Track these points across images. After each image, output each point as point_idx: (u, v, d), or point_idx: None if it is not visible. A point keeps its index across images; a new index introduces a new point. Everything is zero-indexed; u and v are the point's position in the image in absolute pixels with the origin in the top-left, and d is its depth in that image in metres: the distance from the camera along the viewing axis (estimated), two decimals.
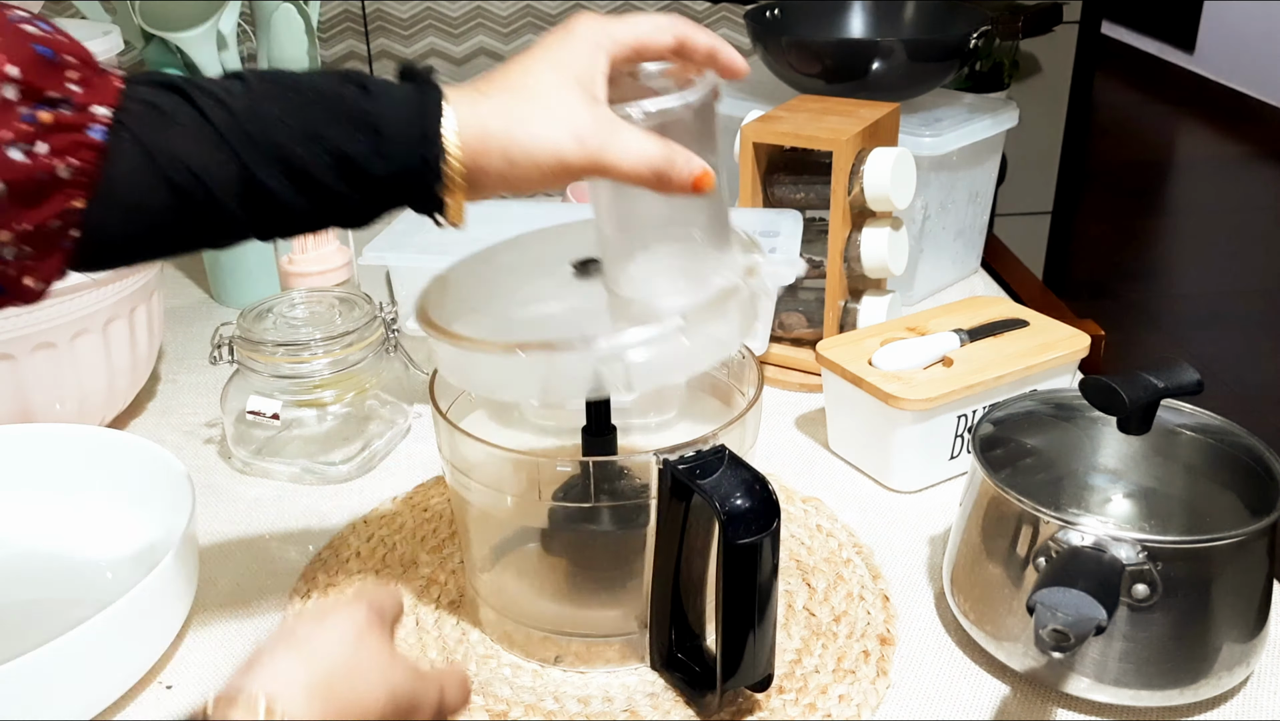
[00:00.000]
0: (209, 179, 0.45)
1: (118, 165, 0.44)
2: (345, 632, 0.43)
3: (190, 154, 0.45)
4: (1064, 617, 0.51)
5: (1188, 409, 0.66)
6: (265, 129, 0.46)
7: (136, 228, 0.46)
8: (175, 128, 0.45)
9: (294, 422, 0.85)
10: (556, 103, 0.48)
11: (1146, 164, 3.60)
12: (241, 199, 0.46)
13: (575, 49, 0.50)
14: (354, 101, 0.47)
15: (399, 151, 0.47)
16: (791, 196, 0.97)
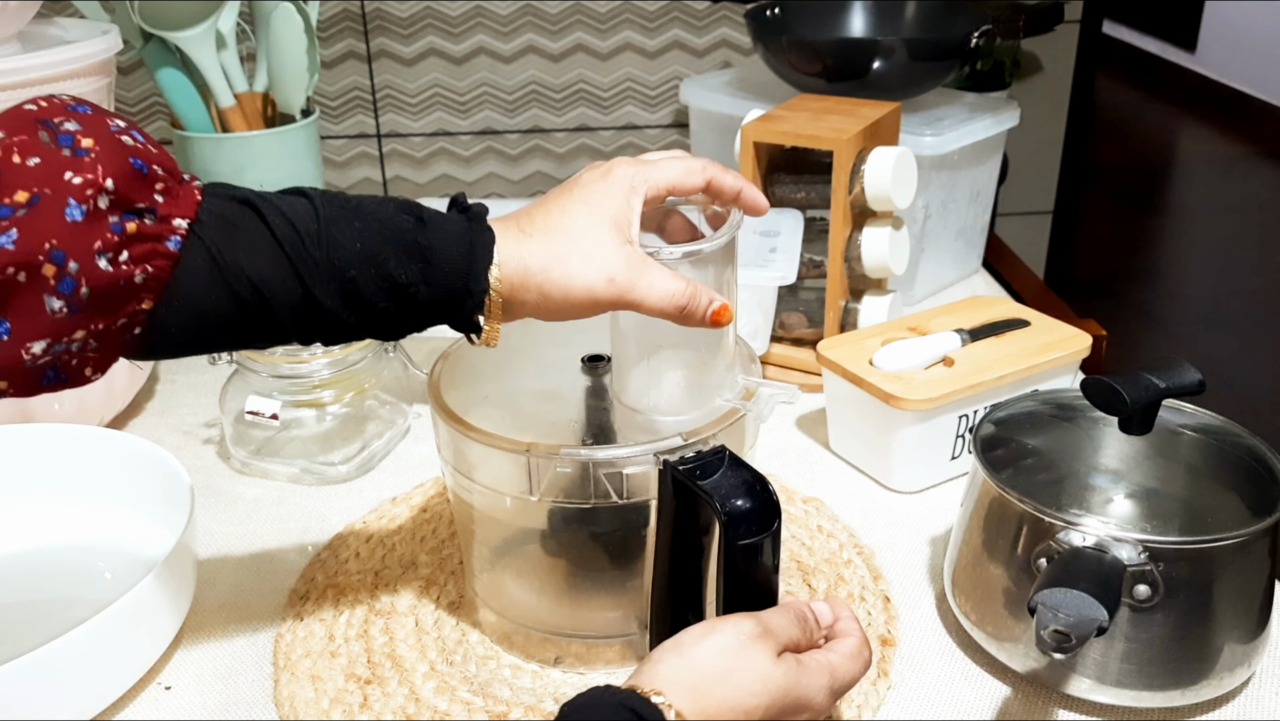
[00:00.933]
0: (269, 292, 0.49)
1: (188, 273, 0.48)
2: (727, 642, 0.49)
3: (255, 268, 0.49)
4: (1065, 618, 0.51)
5: (1189, 409, 0.66)
6: (328, 251, 0.50)
7: (195, 329, 0.50)
8: (244, 242, 0.49)
9: (293, 423, 0.85)
10: (591, 244, 0.53)
11: (1147, 164, 3.59)
12: (295, 311, 0.50)
13: (611, 193, 0.54)
14: (410, 232, 0.51)
15: (446, 281, 0.51)
16: (792, 196, 0.97)
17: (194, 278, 0.48)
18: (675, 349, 0.59)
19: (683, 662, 0.49)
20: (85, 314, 0.45)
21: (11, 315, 0.44)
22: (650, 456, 0.56)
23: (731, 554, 0.53)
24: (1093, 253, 2.89)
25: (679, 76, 1.39)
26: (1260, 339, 2.52)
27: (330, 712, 0.60)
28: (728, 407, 0.59)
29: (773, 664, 0.50)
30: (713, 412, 0.59)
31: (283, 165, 1.07)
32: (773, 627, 0.51)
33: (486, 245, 0.52)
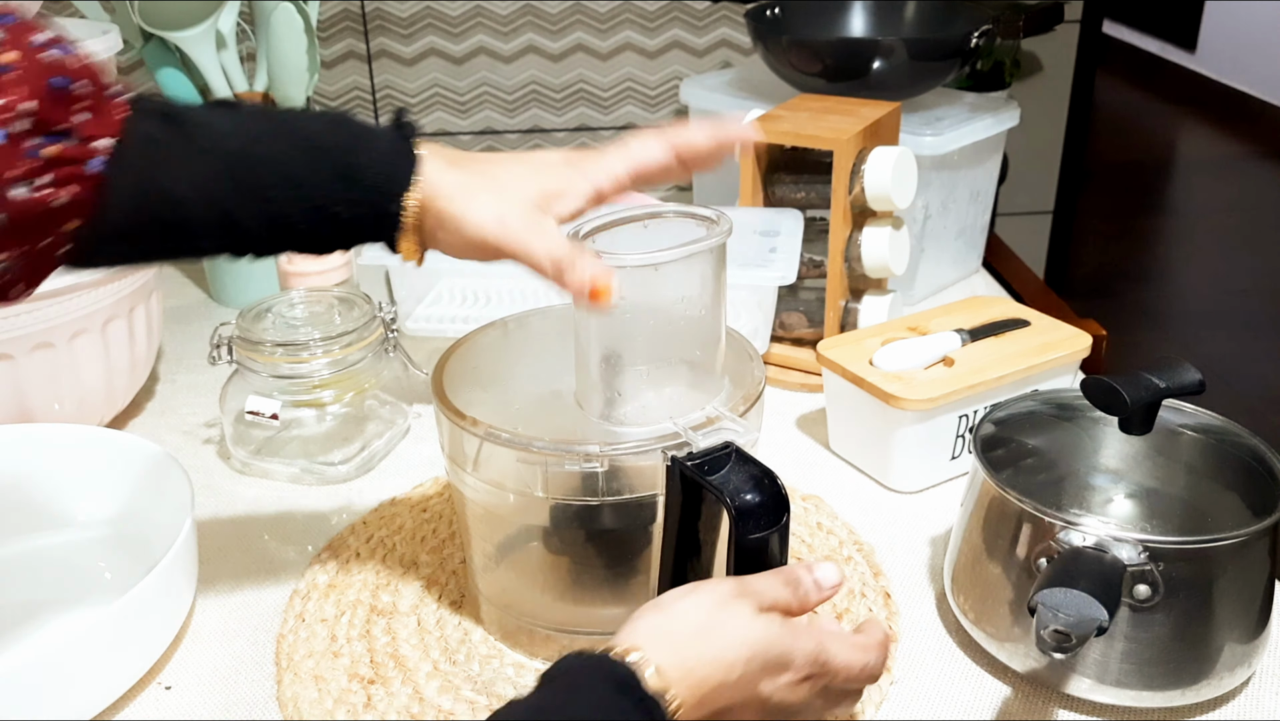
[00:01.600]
0: (191, 213, 0.50)
1: (112, 194, 0.48)
2: (706, 600, 0.49)
3: (177, 190, 0.49)
4: (1065, 618, 0.51)
5: (1189, 409, 0.66)
6: (252, 172, 0.50)
7: (124, 246, 0.51)
8: (167, 162, 0.49)
9: (293, 423, 0.85)
10: (503, 190, 0.53)
11: (1147, 164, 3.59)
12: (216, 229, 0.51)
13: (553, 165, 0.55)
14: (337, 150, 0.52)
15: (367, 200, 0.52)
16: (792, 196, 0.97)
17: (118, 198, 0.48)
18: (648, 363, 0.58)
19: (662, 618, 0.48)
20: (5, 239, 0.45)
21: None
22: (658, 452, 0.56)
23: (742, 548, 0.53)
24: (1093, 253, 2.89)
25: (679, 76, 1.39)
26: (1260, 339, 2.52)
27: (334, 712, 0.60)
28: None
29: (753, 618, 0.49)
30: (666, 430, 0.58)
31: None
32: (755, 588, 0.50)
33: (407, 168, 0.52)
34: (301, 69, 1.04)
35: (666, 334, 0.58)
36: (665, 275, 0.55)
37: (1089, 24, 1.53)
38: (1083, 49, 1.53)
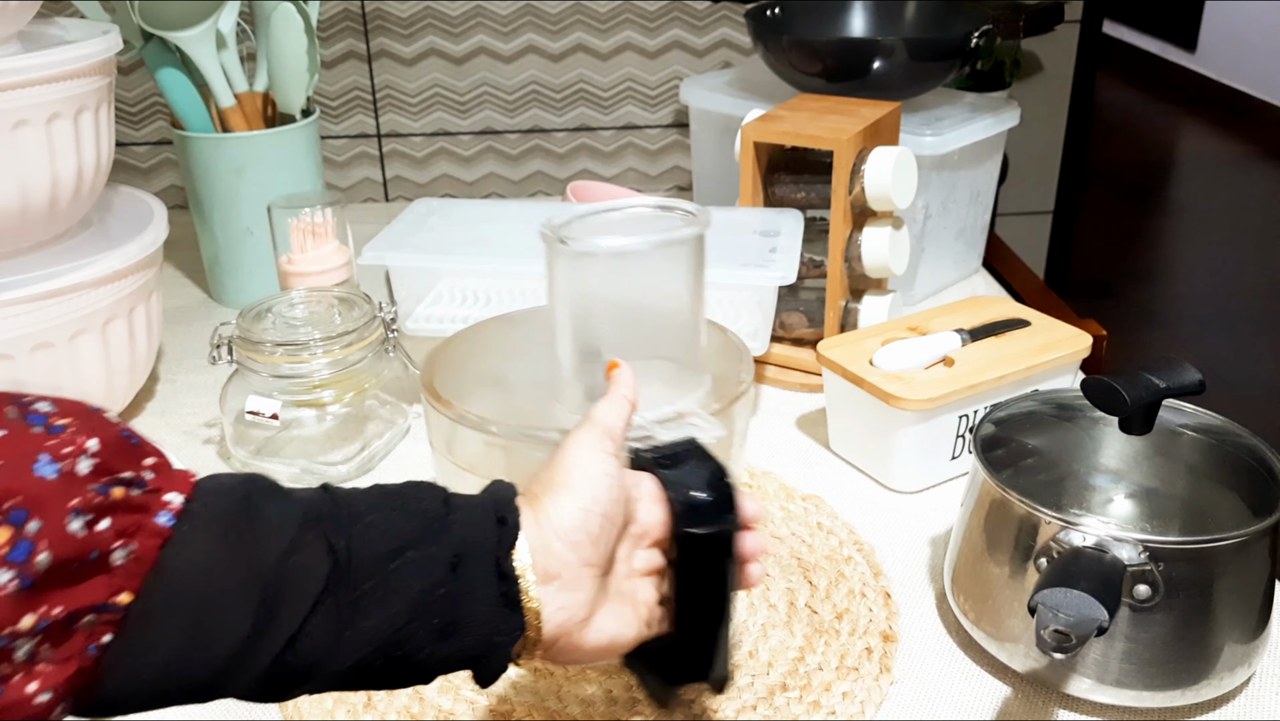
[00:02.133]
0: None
1: (181, 556, 0.38)
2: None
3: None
4: (1065, 618, 0.51)
5: (1189, 409, 0.66)
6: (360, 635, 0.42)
7: (158, 648, 0.38)
8: (261, 534, 0.40)
9: (293, 423, 0.85)
10: (614, 603, 0.49)
11: (1148, 164, 3.59)
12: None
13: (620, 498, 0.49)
14: (439, 603, 0.43)
15: (468, 655, 0.45)
16: (792, 196, 0.97)
17: (190, 563, 0.38)
18: (622, 357, 0.55)
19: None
20: (38, 591, 0.34)
21: None
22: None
23: (683, 544, 0.51)
24: (1093, 253, 2.89)
25: (679, 76, 1.39)
26: (1260, 339, 2.52)
27: (334, 712, 0.60)
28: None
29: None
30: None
31: (283, 165, 1.07)
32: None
33: (513, 626, 0.45)
34: (301, 69, 1.04)
35: (641, 328, 0.56)
36: (638, 265, 0.54)
37: (1089, 24, 1.53)
38: (1083, 49, 1.53)
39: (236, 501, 0.41)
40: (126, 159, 1.39)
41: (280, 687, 0.41)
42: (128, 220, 0.93)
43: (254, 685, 0.40)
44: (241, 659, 0.39)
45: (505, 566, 0.44)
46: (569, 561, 0.45)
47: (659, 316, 0.57)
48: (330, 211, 0.94)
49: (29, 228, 0.83)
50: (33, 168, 0.80)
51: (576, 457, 0.48)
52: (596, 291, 0.52)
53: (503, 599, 0.44)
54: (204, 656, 0.38)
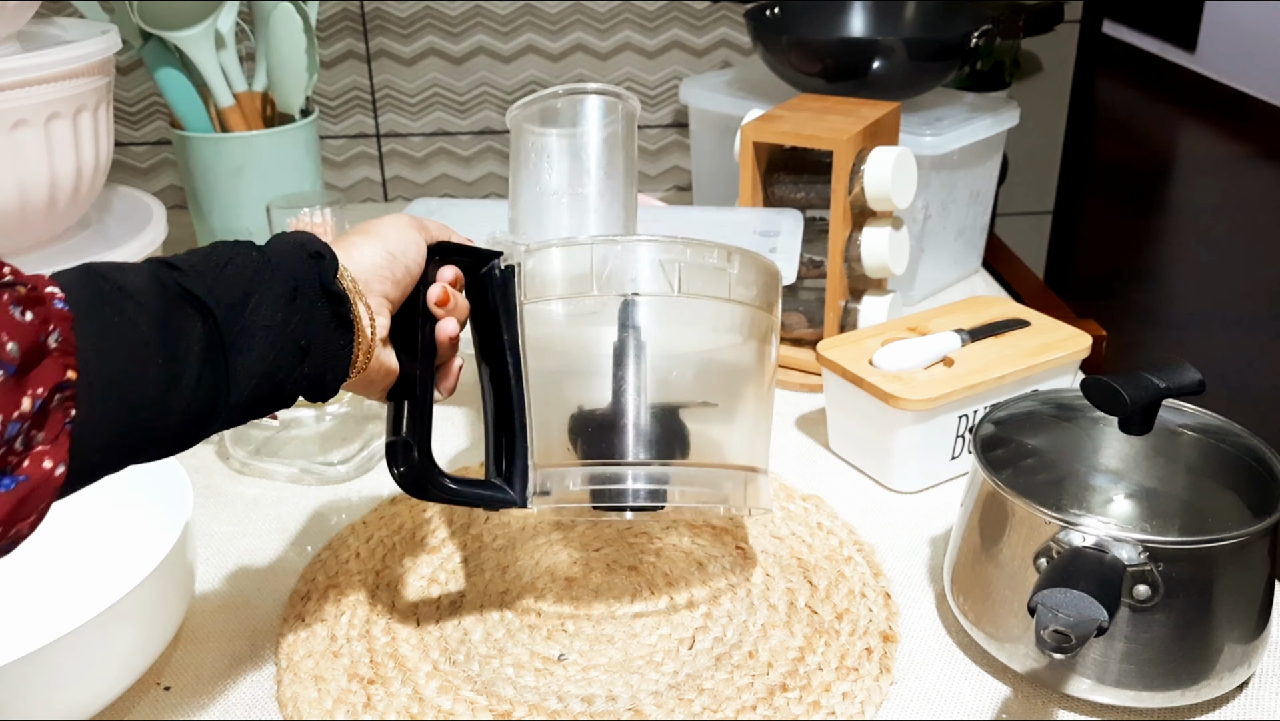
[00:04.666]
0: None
1: (85, 334, 0.44)
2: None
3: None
4: (1065, 618, 0.51)
5: (1189, 409, 0.66)
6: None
7: (122, 407, 0.45)
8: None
9: (292, 423, 0.85)
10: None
11: (1147, 164, 3.59)
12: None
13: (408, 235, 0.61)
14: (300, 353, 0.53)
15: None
16: (792, 196, 0.97)
17: (97, 338, 0.44)
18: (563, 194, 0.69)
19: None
20: (21, 377, 0.41)
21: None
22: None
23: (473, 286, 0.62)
24: (1093, 253, 2.89)
25: (679, 76, 1.39)
26: (1260, 339, 2.52)
27: (334, 713, 0.60)
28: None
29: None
30: None
31: (282, 165, 1.07)
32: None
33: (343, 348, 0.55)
34: (301, 69, 1.04)
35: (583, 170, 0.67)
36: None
37: (1089, 24, 1.53)
38: (1083, 49, 1.53)
39: (97, 283, 0.46)
40: (125, 159, 1.39)
41: (196, 429, 0.49)
42: (127, 220, 0.93)
43: (177, 430, 0.48)
44: (163, 409, 0.46)
45: (333, 288, 0.54)
46: (375, 289, 0.57)
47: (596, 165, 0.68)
48: (329, 211, 0.94)
49: (28, 227, 0.83)
50: (31, 167, 0.80)
51: (392, 221, 0.59)
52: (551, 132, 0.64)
53: (336, 317, 0.54)
54: (137, 414, 0.45)
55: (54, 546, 0.73)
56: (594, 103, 0.66)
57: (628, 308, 0.60)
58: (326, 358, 0.54)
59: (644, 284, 0.60)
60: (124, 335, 0.45)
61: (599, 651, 0.65)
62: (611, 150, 0.67)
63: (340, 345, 0.55)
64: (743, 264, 0.62)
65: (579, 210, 0.67)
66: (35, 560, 0.73)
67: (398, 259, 0.58)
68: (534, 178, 0.67)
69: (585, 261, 0.60)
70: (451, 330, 0.61)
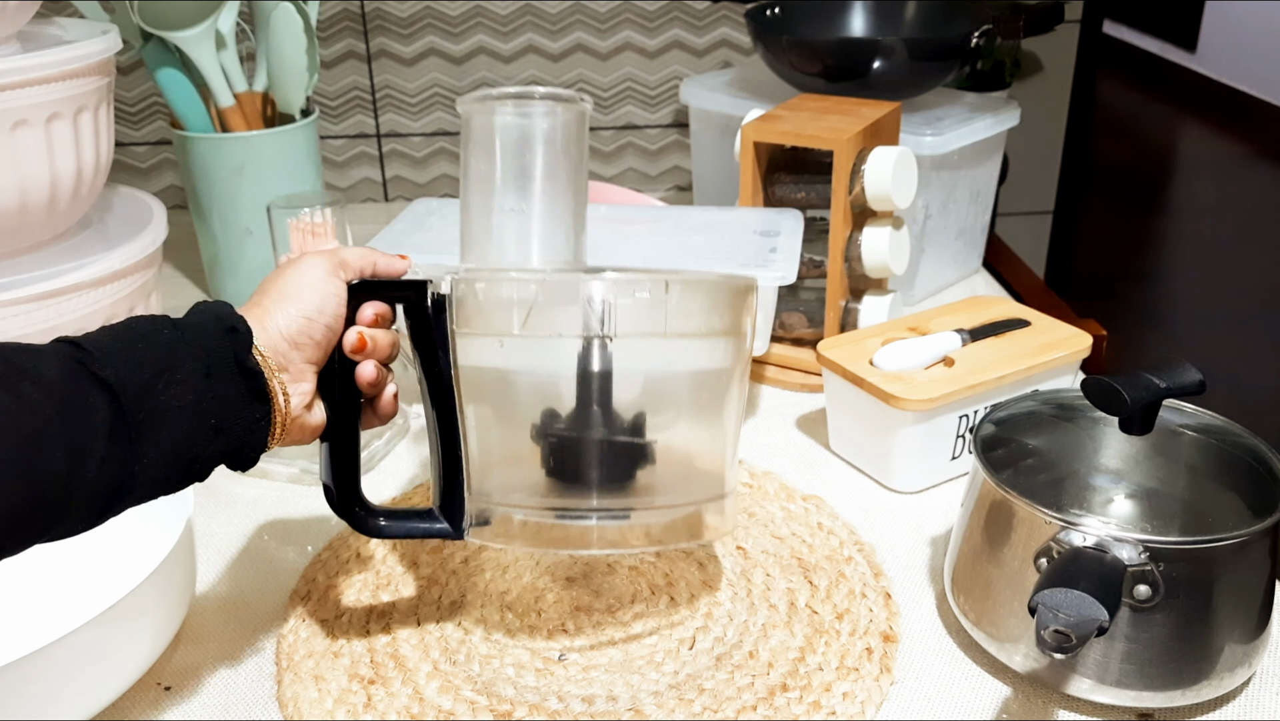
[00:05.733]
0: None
1: None
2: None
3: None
4: (1066, 618, 0.51)
5: (1189, 409, 0.66)
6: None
7: None
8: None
9: None
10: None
11: (1147, 164, 3.59)
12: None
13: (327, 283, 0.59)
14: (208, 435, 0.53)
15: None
16: (792, 196, 0.97)
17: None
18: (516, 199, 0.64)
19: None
20: None
21: None
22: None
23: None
24: (1093, 253, 2.89)
25: (679, 76, 1.39)
26: (1260, 339, 2.51)
27: (334, 712, 0.60)
28: None
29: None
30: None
31: (282, 165, 1.07)
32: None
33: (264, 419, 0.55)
34: (301, 69, 1.04)
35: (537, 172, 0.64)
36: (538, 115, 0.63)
37: (1089, 24, 1.53)
38: (1083, 49, 1.54)
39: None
40: (126, 159, 1.39)
41: (97, 512, 0.49)
42: (127, 220, 0.93)
43: (80, 515, 0.48)
44: (66, 490, 0.46)
45: (248, 365, 0.53)
46: (293, 359, 0.56)
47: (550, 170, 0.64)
48: (330, 211, 0.94)
49: (28, 228, 0.83)
50: (32, 168, 0.80)
51: (308, 276, 0.57)
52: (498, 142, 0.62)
53: (252, 392, 0.54)
54: (35, 495, 0.45)
55: (54, 546, 0.73)
56: (537, 109, 0.63)
57: (566, 345, 0.58)
58: (243, 432, 0.54)
59: (573, 324, 0.57)
60: (16, 418, 0.44)
61: (599, 651, 0.65)
62: (551, 161, 0.63)
63: (257, 418, 0.55)
64: (684, 293, 0.58)
65: (520, 229, 0.64)
66: (35, 560, 0.72)
67: (315, 321, 0.57)
68: (477, 186, 0.64)
69: (510, 295, 0.58)
70: (370, 374, 0.59)
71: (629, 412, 0.60)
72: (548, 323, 0.58)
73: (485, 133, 0.63)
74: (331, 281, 0.58)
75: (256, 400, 0.54)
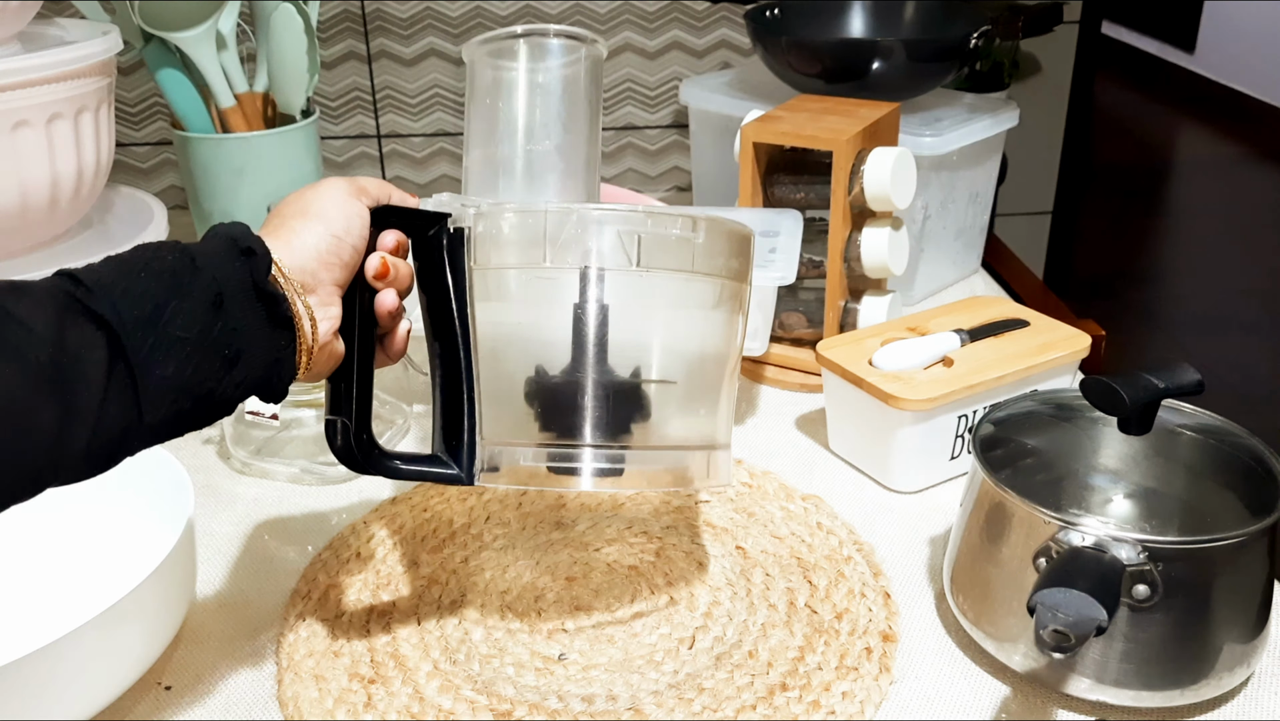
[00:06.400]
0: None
1: None
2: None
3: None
4: (1064, 618, 0.51)
5: (1188, 409, 0.66)
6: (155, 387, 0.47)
7: None
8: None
9: (293, 423, 0.85)
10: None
11: (1147, 164, 3.60)
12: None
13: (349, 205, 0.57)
14: (219, 344, 0.49)
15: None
16: (791, 196, 0.97)
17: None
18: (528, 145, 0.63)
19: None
20: None
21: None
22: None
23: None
24: (1092, 253, 2.89)
25: (679, 77, 1.39)
26: (1260, 339, 2.52)
27: (335, 712, 0.60)
28: None
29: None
30: None
31: (283, 166, 1.07)
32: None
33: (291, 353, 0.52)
34: (301, 69, 1.04)
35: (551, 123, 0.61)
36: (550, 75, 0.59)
37: (1088, 24, 1.53)
38: (1082, 49, 1.54)
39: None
40: (126, 159, 1.39)
41: (104, 458, 0.46)
42: (128, 220, 0.93)
43: (80, 464, 0.45)
44: (62, 446, 0.43)
45: (267, 289, 0.50)
46: (323, 279, 0.53)
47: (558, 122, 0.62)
48: None
49: (29, 228, 0.83)
50: (33, 168, 0.80)
51: (331, 196, 0.54)
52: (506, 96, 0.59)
53: (272, 319, 0.50)
54: (26, 456, 0.43)
55: (54, 546, 0.73)
56: (554, 45, 0.60)
57: (585, 279, 0.56)
58: (267, 361, 0.51)
59: (602, 256, 0.56)
60: (4, 372, 0.42)
61: (599, 651, 0.65)
62: (572, 99, 0.60)
63: (283, 345, 0.51)
64: (709, 233, 0.58)
65: (536, 168, 0.61)
66: (35, 560, 0.73)
67: (343, 240, 0.54)
68: (489, 128, 0.60)
69: (539, 228, 0.56)
70: (391, 303, 0.57)
71: (646, 352, 0.59)
72: (576, 255, 0.56)
73: (499, 80, 0.60)
74: (354, 203, 0.55)
75: (279, 327, 0.51)
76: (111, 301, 0.45)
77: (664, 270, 0.57)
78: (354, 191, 0.55)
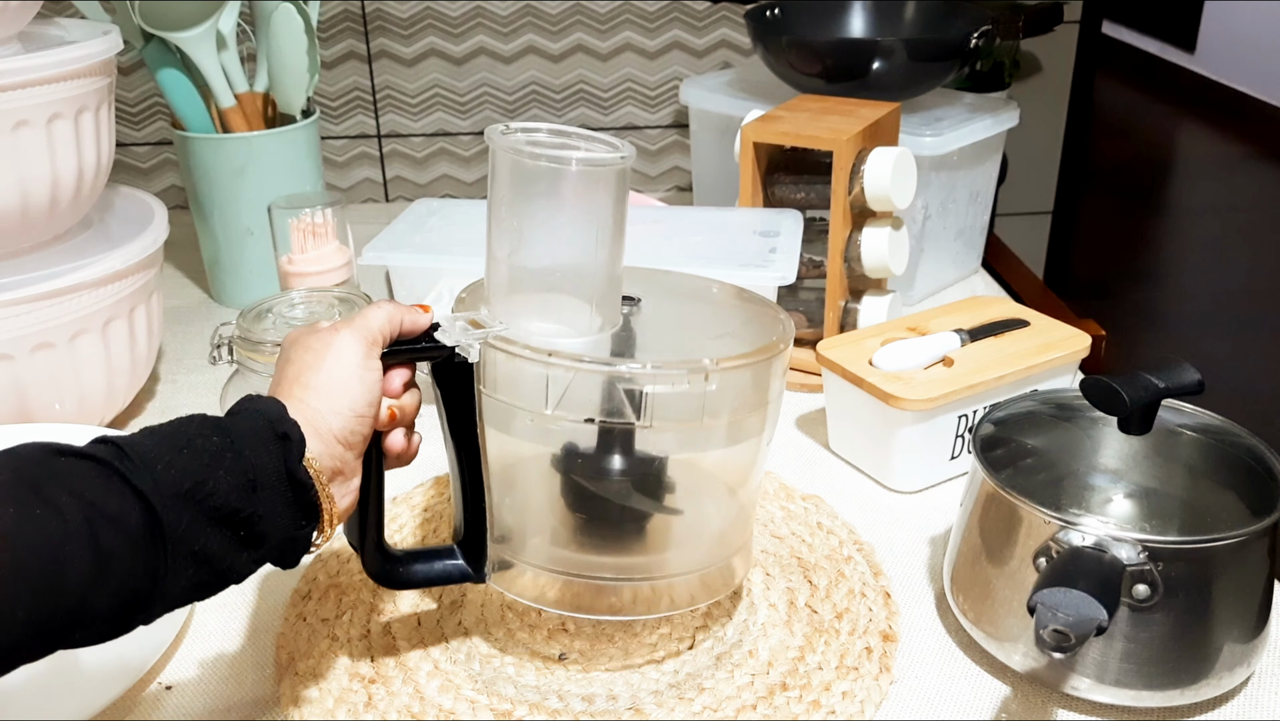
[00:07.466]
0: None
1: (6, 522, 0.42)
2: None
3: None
4: (1065, 618, 0.51)
5: (1188, 409, 0.66)
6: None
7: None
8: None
9: None
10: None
11: (1147, 164, 3.59)
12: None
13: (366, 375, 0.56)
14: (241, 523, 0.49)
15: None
16: (792, 196, 0.97)
17: (13, 529, 0.42)
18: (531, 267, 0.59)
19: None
20: None
21: None
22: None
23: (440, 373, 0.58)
24: (1093, 253, 2.89)
25: (679, 77, 1.39)
26: (1260, 339, 2.52)
27: (335, 712, 0.60)
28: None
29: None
30: None
31: (283, 166, 1.07)
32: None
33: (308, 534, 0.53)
34: (302, 69, 1.04)
35: (555, 245, 0.59)
36: (567, 181, 0.57)
37: (1088, 24, 1.53)
38: (1082, 49, 1.54)
39: (30, 469, 0.44)
40: (127, 159, 1.40)
41: (126, 618, 0.46)
42: (128, 220, 0.93)
43: (103, 625, 0.45)
44: (86, 599, 0.44)
45: (299, 476, 0.50)
46: (348, 459, 0.53)
47: (573, 246, 0.59)
48: (330, 212, 0.94)
49: (29, 228, 0.83)
50: (33, 168, 0.80)
51: (351, 364, 0.54)
52: (527, 198, 0.56)
53: (299, 504, 0.51)
54: (51, 605, 0.42)
55: None
56: (575, 175, 0.57)
57: (591, 425, 0.58)
58: (284, 542, 0.52)
59: (604, 411, 0.57)
60: (43, 525, 0.42)
61: (599, 650, 0.65)
62: (600, 227, 0.58)
63: (301, 526, 0.52)
64: (722, 382, 0.57)
65: (557, 294, 0.60)
66: None
67: (365, 416, 0.54)
68: (510, 234, 0.58)
69: (542, 380, 0.56)
70: (399, 444, 0.57)
71: (658, 485, 0.61)
72: (579, 406, 0.56)
73: (536, 178, 0.57)
74: (372, 365, 0.54)
75: (303, 513, 0.51)
76: (154, 476, 0.46)
77: (670, 425, 0.58)
78: (368, 349, 0.55)
